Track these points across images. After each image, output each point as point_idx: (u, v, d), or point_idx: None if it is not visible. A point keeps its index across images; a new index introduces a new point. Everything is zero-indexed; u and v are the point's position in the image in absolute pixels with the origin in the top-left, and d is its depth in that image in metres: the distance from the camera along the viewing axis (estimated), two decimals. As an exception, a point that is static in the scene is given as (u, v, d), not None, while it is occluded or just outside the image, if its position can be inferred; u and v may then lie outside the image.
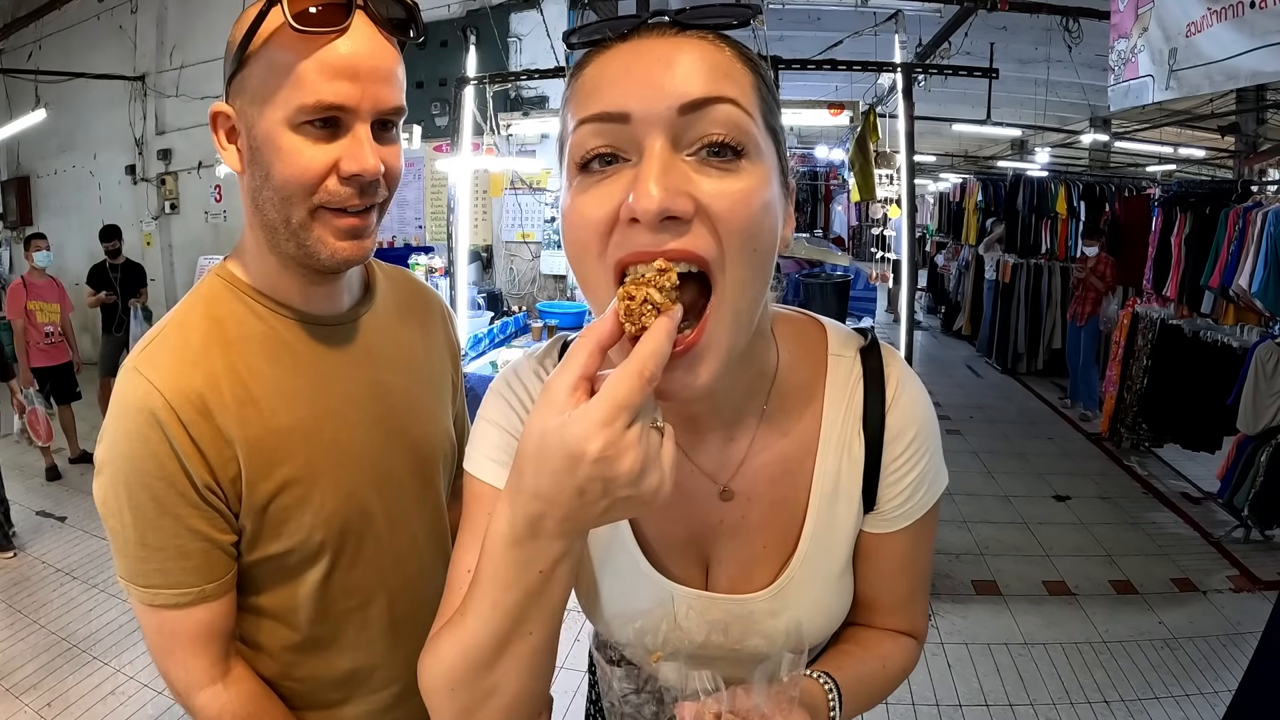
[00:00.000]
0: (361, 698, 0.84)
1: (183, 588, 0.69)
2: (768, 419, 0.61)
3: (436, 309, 0.95)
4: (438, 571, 0.79)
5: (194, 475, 0.67)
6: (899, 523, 0.64)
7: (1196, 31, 2.19)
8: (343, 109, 0.65)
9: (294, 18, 0.62)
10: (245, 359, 0.72)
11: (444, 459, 0.90)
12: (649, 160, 0.45)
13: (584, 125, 0.47)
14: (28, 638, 2.74)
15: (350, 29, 0.65)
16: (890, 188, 3.50)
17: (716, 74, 0.46)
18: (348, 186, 0.67)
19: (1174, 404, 4.34)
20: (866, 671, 0.65)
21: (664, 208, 0.43)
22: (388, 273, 0.91)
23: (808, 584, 0.63)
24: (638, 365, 0.41)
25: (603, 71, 0.48)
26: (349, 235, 0.70)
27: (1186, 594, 3.08)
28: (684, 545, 0.63)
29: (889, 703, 2.39)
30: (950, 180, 10.54)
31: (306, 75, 0.64)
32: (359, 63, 0.65)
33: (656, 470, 0.43)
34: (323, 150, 0.66)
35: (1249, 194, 4.24)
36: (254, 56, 0.66)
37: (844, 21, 4.66)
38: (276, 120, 0.65)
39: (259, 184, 0.68)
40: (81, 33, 6.27)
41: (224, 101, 0.70)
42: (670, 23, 0.48)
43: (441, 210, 5.23)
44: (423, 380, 0.88)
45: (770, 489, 0.61)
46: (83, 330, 5.62)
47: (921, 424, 0.63)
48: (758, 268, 0.48)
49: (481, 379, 3.08)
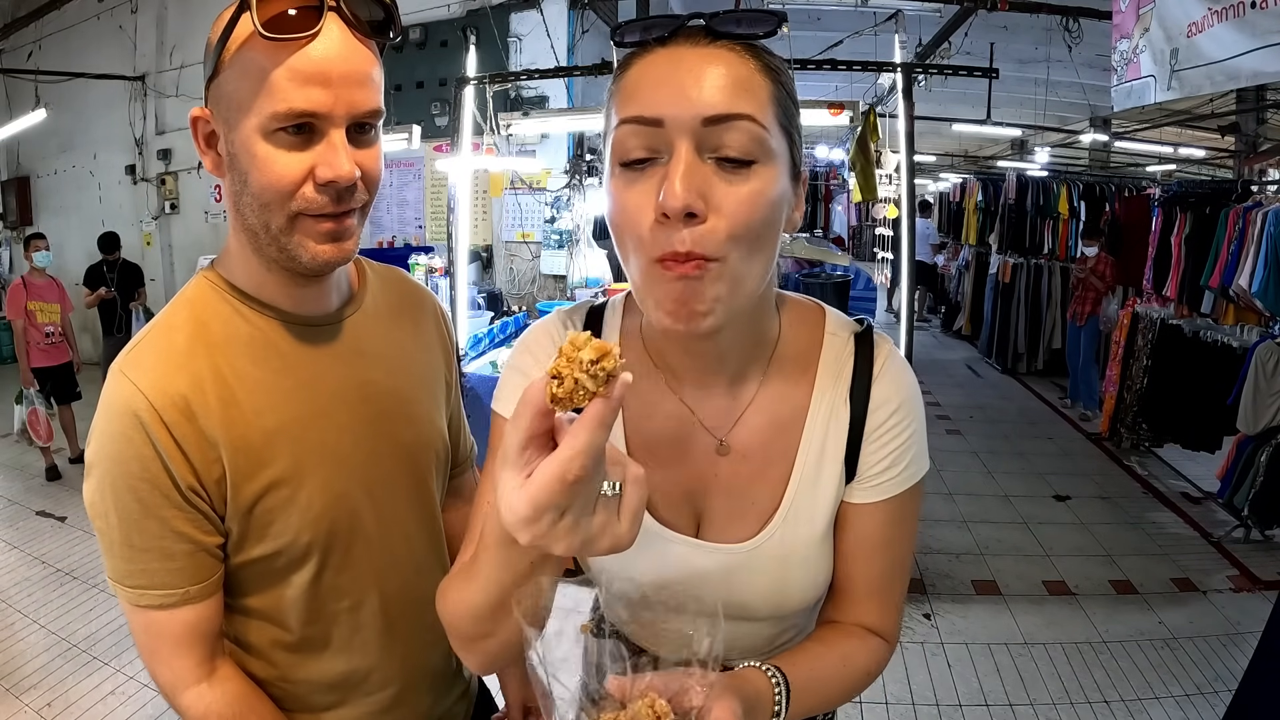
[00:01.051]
0: (357, 700, 0.83)
1: (167, 589, 0.69)
2: (767, 383, 0.67)
3: (430, 308, 0.94)
4: (433, 573, 0.79)
5: (178, 477, 0.68)
6: (878, 493, 0.66)
7: (1198, 32, 2.19)
8: (315, 115, 0.65)
9: (263, 25, 0.62)
10: (230, 360, 0.72)
11: (437, 460, 0.89)
12: (676, 164, 0.53)
13: (625, 125, 0.55)
14: (28, 638, 2.74)
15: (322, 33, 0.64)
16: (890, 188, 3.50)
17: (738, 90, 0.54)
18: (324, 194, 0.67)
19: (1174, 404, 4.34)
20: (824, 669, 0.65)
21: (686, 205, 0.51)
22: (379, 272, 0.90)
23: (790, 541, 0.66)
24: (559, 468, 0.42)
25: (644, 75, 0.56)
26: (329, 239, 0.69)
27: (1186, 594, 3.08)
28: (680, 497, 0.68)
29: (889, 703, 2.40)
30: (950, 180, 10.54)
31: (278, 83, 0.63)
32: (331, 68, 0.64)
33: (606, 537, 0.46)
34: (297, 158, 0.65)
35: (1249, 194, 4.24)
36: (227, 63, 0.65)
37: (844, 21, 4.66)
38: (251, 128, 0.65)
39: (238, 190, 0.68)
40: (81, 33, 6.27)
41: (204, 106, 0.69)
42: (704, 29, 0.56)
43: (441, 210, 5.23)
44: (414, 380, 0.87)
45: (763, 448, 0.66)
46: (83, 330, 5.63)
47: (905, 398, 0.67)
48: (758, 251, 0.56)
49: (481, 379, 3.08)
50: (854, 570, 0.69)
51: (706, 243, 0.52)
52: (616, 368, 0.42)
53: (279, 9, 0.62)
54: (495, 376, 3.10)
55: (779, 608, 0.70)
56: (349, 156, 0.66)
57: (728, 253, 0.53)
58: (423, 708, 0.89)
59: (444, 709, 0.92)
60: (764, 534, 0.66)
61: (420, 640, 0.86)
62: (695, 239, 0.52)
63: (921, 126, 5.05)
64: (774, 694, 0.59)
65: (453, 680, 0.94)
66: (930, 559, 3.37)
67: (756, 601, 0.69)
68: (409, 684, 0.86)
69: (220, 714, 0.72)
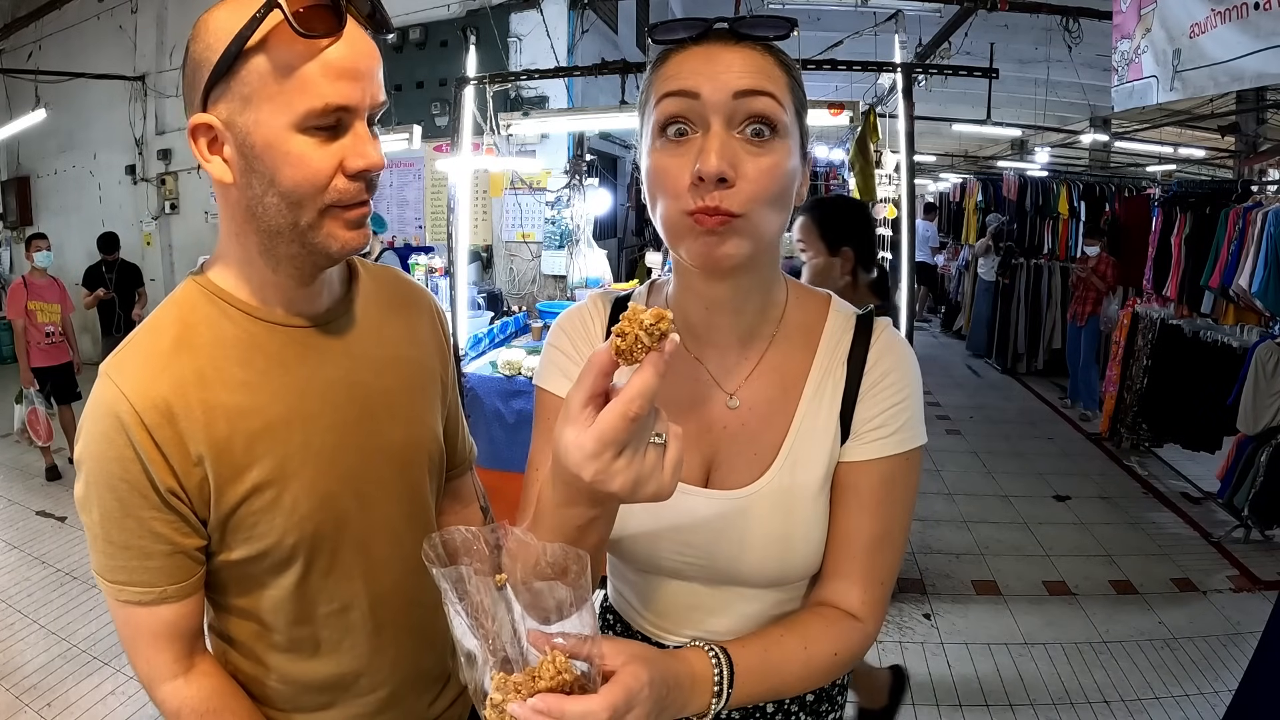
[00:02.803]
0: (348, 702, 0.83)
1: (145, 586, 0.70)
2: (774, 346, 0.74)
3: (425, 308, 0.93)
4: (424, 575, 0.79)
5: (157, 480, 0.68)
6: (871, 450, 0.71)
7: (1200, 33, 2.18)
8: (347, 109, 0.67)
9: (297, 22, 0.63)
10: (216, 363, 0.72)
11: (430, 461, 0.88)
12: (712, 137, 0.62)
13: (667, 98, 0.64)
14: (28, 638, 2.74)
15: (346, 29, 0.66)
16: (890, 188, 3.50)
17: (761, 75, 0.64)
18: (356, 182, 0.69)
19: (1174, 404, 4.34)
20: (781, 652, 0.66)
21: (719, 171, 0.60)
22: (372, 272, 0.89)
23: (789, 487, 0.71)
24: (623, 406, 0.49)
25: (683, 63, 0.65)
26: (356, 225, 0.72)
27: (1186, 594, 3.08)
28: (691, 447, 0.73)
29: (889, 703, 2.40)
30: (950, 180, 10.54)
31: (312, 79, 0.65)
32: (359, 63, 0.67)
33: (654, 480, 0.52)
34: (329, 151, 0.67)
35: (1249, 194, 4.24)
36: (249, 63, 0.65)
37: (844, 21, 4.66)
38: (281, 126, 0.65)
39: (259, 192, 0.68)
40: (81, 33, 6.27)
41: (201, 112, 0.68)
42: (729, 31, 0.65)
43: (441, 210, 5.24)
44: (405, 380, 0.86)
45: (768, 403, 0.73)
46: (83, 330, 5.63)
47: (898, 362, 0.73)
48: (775, 211, 0.65)
49: (481, 379, 3.08)
50: (843, 529, 0.71)
51: (733, 201, 0.62)
52: (669, 329, 0.50)
53: (307, 5, 0.63)
54: (495, 376, 3.10)
55: (780, 568, 0.72)
56: (376, 145, 0.69)
57: (749, 210, 0.62)
58: (416, 710, 0.89)
59: (439, 711, 0.92)
60: (765, 478, 0.71)
61: (412, 643, 0.86)
62: (724, 198, 0.61)
63: (921, 126, 5.05)
64: (713, 674, 0.60)
65: (448, 682, 0.93)
66: (930, 559, 3.37)
67: (758, 558, 0.71)
68: (401, 686, 0.86)
69: (195, 709, 0.73)
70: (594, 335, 0.79)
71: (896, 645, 2.71)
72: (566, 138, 4.75)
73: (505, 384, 3.02)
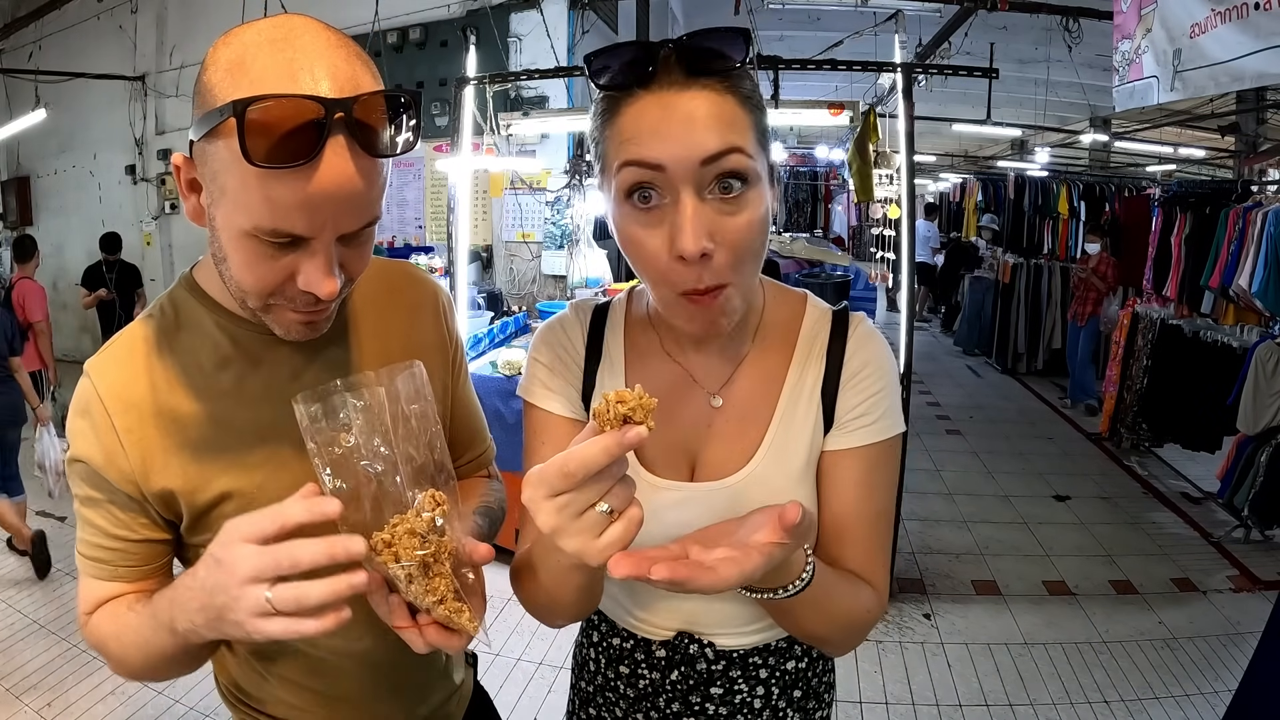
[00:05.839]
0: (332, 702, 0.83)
1: (100, 563, 0.72)
2: (756, 344, 0.77)
3: (429, 303, 0.89)
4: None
5: (123, 478, 0.69)
6: (855, 439, 0.73)
7: (1201, 33, 2.18)
8: (300, 237, 0.60)
9: (251, 152, 0.53)
10: (198, 366, 0.72)
11: None
12: (684, 211, 0.60)
13: (629, 167, 0.61)
14: (27, 638, 2.74)
15: (323, 159, 0.56)
16: (890, 188, 3.50)
17: (724, 125, 0.60)
18: (304, 296, 0.63)
19: (1174, 404, 4.34)
20: (840, 585, 0.69)
21: (699, 250, 0.60)
22: (375, 269, 0.84)
23: (771, 476, 0.73)
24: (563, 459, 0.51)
25: (639, 123, 0.61)
26: (304, 324, 0.68)
27: (1186, 594, 3.09)
28: (677, 447, 0.76)
29: (889, 703, 2.40)
30: (950, 180, 10.55)
31: (258, 204, 0.57)
32: (323, 199, 0.57)
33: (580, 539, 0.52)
34: (280, 265, 0.61)
35: (1249, 194, 4.24)
36: (219, 141, 0.57)
37: (844, 21, 4.66)
38: (234, 224, 0.59)
39: (218, 256, 0.64)
40: (81, 33, 6.26)
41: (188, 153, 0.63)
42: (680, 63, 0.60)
43: (441, 210, 5.23)
44: None
45: (750, 399, 0.76)
46: (82, 330, 5.63)
47: (875, 353, 0.75)
48: (757, 258, 0.66)
49: (481, 379, 3.08)
50: (839, 512, 0.74)
51: (719, 273, 0.62)
52: (644, 419, 0.51)
53: (273, 134, 0.54)
54: (495, 376, 3.10)
55: None
56: (333, 269, 0.61)
57: (735, 275, 0.63)
58: (403, 711, 0.88)
59: (429, 710, 0.91)
60: (748, 467, 0.73)
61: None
62: (711, 274, 0.62)
63: (921, 126, 5.04)
64: (806, 562, 0.62)
65: (437, 683, 0.92)
66: (930, 559, 3.37)
67: None
68: (387, 688, 0.86)
69: (104, 631, 0.73)
70: (574, 346, 0.79)
71: (896, 645, 2.72)
72: (566, 138, 4.75)
73: (505, 384, 3.02)
